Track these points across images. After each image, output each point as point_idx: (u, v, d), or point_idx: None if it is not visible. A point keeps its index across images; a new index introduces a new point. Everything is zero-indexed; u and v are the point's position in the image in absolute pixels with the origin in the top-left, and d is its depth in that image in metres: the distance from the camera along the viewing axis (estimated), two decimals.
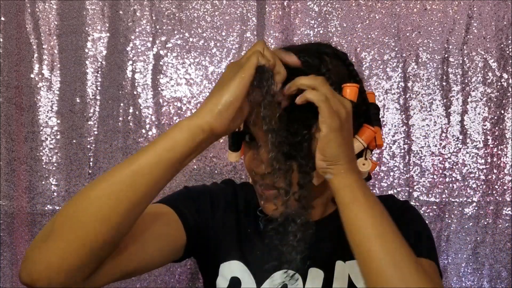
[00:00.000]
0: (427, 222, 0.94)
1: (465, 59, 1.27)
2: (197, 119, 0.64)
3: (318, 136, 0.67)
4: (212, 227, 0.83)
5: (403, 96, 1.28)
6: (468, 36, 1.27)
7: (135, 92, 1.25)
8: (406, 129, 1.28)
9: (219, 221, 0.84)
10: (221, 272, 0.81)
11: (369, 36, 1.27)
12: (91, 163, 1.25)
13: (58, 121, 1.24)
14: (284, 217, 0.71)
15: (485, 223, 1.28)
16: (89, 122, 1.25)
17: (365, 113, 0.78)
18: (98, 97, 1.25)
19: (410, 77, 1.27)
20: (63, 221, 0.63)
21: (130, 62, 1.25)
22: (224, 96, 0.64)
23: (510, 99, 1.27)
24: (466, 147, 1.28)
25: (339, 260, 0.81)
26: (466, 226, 1.28)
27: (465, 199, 1.28)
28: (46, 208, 1.24)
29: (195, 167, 1.26)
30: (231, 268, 0.81)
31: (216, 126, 0.64)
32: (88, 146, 1.25)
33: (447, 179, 1.28)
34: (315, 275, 0.80)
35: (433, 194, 1.28)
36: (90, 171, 1.25)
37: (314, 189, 0.75)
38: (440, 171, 1.28)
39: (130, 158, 0.65)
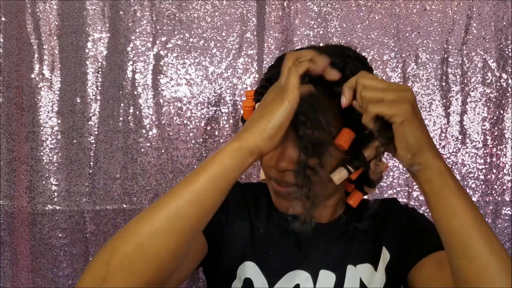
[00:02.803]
0: None
1: (464, 59, 1.27)
2: (246, 143, 0.63)
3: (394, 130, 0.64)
4: (227, 232, 0.83)
5: None
6: (468, 37, 1.27)
7: (135, 92, 1.25)
8: None
9: (233, 224, 0.84)
10: (238, 274, 0.81)
11: (369, 37, 1.27)
12: (91, 163, 1.25)
13: (59, 121, 1.24)
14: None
15: None
16: (90, 122, 1.25)
17: None
18: (98, 97, 1.25)
19: (410, 77, 1.28)
20: (121, 262, 0.58)
21: (131, 62, 1.25)
22: (272, 121, 0.63)
23: (510, 99, 1.28)
24: (465, 147, 1.28)
25: (350, 264, 0.81)
26: None
27: None
28: (47, 208, 1.25)
29: (195, 167, 1.26)
30: (245, 269, 0.81)
31: (265, 149, 0.63)
32: (89, 146, 1.25)
33: None
34: (326, 277, 0.80)
35: None
36: (90, 171, 1.25)
37: (327, 189, 0.75)
38: None
39: (179, 186, 0.62)
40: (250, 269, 0.80)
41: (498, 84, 1.28)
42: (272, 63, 0.80)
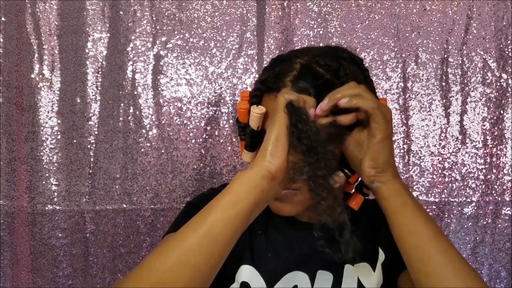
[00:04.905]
0: None
1: (464, 59, 1.27)
2: (254, 167, 0.64)
3: (367, 143, 0.66)
4: None
5: (403, 96, 1.28)
6: (468, 37, 1.27)
7: (135, 92, 1.25)
8: (406, 129, 1.28)
9: None
10: (236, 278, 0.81)
11: (369, 37, 1.27)
12: (91, 163, 1.25)
13: (59, 121, 1.24)
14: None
15: (484, 223, 1.29)
16: (90, 122, 1.25)
17: None
18: (98, 97, 1.25)
19: (410, 77, 1.28)
20: None
21: (131, 62, 1.25)
22: (269, 140, 0.64)
23: (509, 99, 1.28)
24: (465, 147, 1.28)
25: (347, 264, 0.81)
26: (465, 226, 1.29)
27: (464, 199, 1.28)
28: (47, 208, 1.25)
29: (195, 167, 1.26)
30: (242, 273, 0.81)
31: (273, 168, 0.63)
32: (89, 146, 1.25)
33: (446, 179, 1.28)
34: (324, 277, 0.81)
35: (433, 194, 1.28)
36: (90, 171, 1.25)
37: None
38: (440, 171, 1.28)
39: (193, 221, 0.62)
40: (247, 273, 0.81)
41: (498, 84, 1.28)
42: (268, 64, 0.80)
